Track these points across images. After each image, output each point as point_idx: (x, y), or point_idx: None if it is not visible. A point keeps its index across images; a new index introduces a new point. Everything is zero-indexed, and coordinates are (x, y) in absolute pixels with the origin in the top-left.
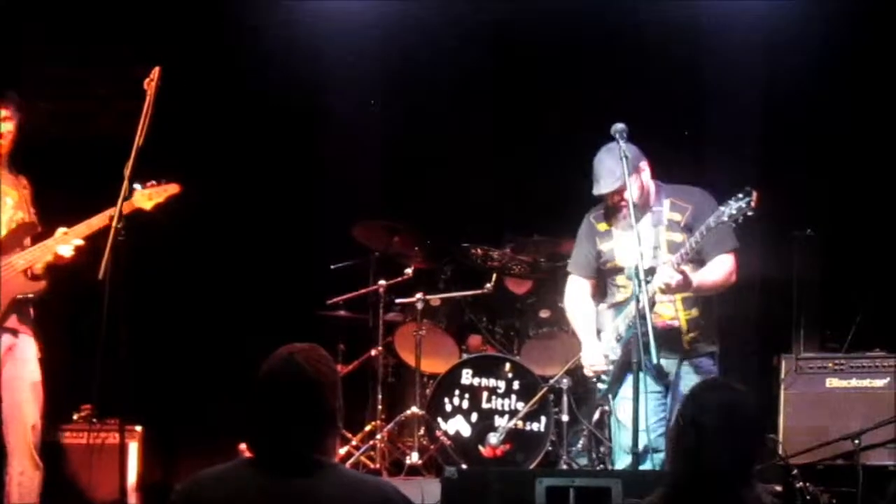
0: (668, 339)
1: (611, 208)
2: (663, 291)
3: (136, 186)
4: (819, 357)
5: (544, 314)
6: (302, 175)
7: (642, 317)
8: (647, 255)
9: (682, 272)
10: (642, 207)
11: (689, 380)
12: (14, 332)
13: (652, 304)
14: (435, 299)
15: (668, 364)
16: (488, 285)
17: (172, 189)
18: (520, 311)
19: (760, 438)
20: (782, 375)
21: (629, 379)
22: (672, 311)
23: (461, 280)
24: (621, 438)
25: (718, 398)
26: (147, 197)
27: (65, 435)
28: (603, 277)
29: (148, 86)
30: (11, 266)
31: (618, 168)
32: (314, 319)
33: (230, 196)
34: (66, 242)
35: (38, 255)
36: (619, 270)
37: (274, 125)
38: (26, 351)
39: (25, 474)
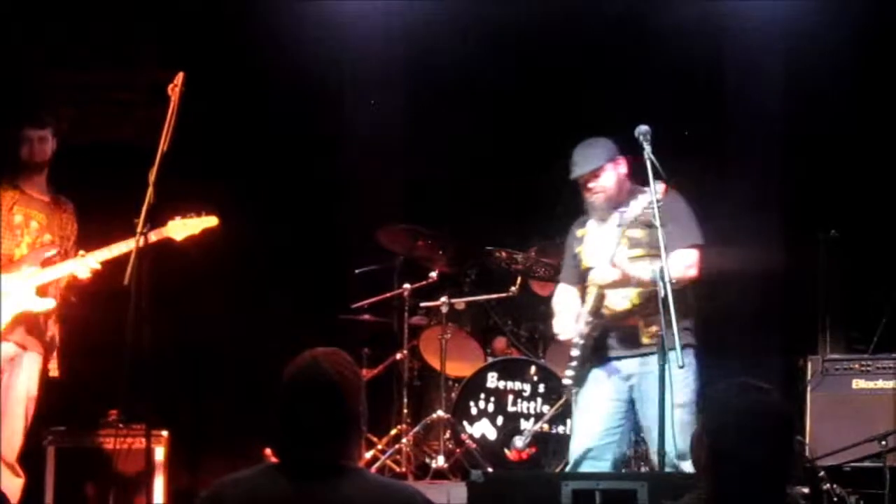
0: (625, 335)
1: (587, 203)
2: (602, 287)
3: (175, 218)
4: (845, 358)
5: None
6: (325, 179)
7: (668, 320)
8: (606, 254)
9: (615, 265)
10: (614, 200)
11: (653, 378)
12: (20, 346)
13: (601, 298)
14: (459, 303)
15: (627, 364)
16: (513, 288)
17: (209, 222)
18: (544, 314)
19: (792, 438)
20: (808, 377)
21: (591, 379)
22: (627, 305)
23: (485, 283)
24: (573, 441)
25: (744, 400)
26: (181, 227)
27: (91, 440)
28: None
29: (172, 91)
30: (20, 279)
31: (595, 155)
32: (339, 323)
33: (253, 200)
34: (82, 264)
35: (50, 274)
36: (587, 271)
37: (296, 130)
38: (27, 365)
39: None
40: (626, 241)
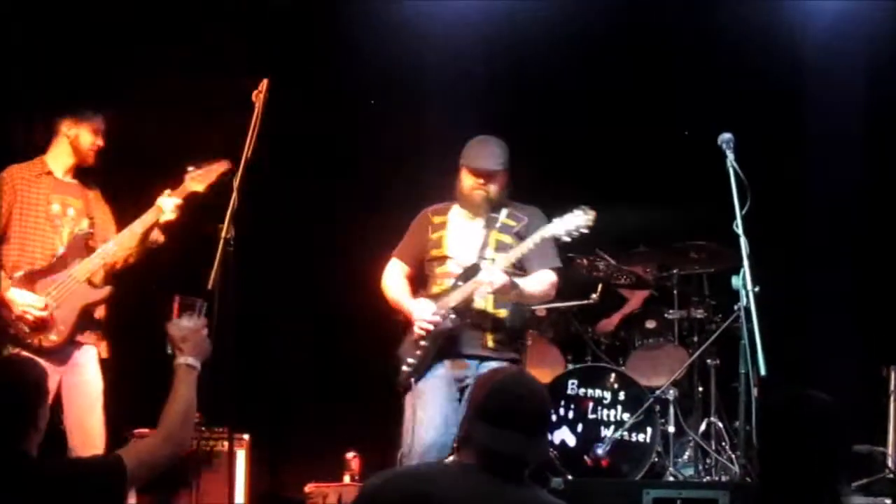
0: (472, 336)
1: (465, 195)
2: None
3: (189, 169)
4: None
5: (650, 325)
6: (408, 187)
7: (749, 328)
8: (472, 253)
9: (507, 273)
10: (494, 204)
11: None
12: (76, 344)
13: (470, 299)
14: (541, 310)
15: (462, 371)
16: (594, 295)
17: (221, 167)
18: (626, 322)
19: (836, 436)
20: (891, 386)
21: (432, 372)
22: (482, 306)
23: (567, 290)
24: (419, 432)
25: (787, 402)
26: (201, 178)
27: None
28: (423, 270)
29: (256, 98)
30: (74, 278)
31: (501, 155)
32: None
33: (342, 204)
34: (163, 203)
35: (98, 258)
36: (443, 260)
37: (387, 136)
38: (87, 360)
39: None
40: (495, 243)
